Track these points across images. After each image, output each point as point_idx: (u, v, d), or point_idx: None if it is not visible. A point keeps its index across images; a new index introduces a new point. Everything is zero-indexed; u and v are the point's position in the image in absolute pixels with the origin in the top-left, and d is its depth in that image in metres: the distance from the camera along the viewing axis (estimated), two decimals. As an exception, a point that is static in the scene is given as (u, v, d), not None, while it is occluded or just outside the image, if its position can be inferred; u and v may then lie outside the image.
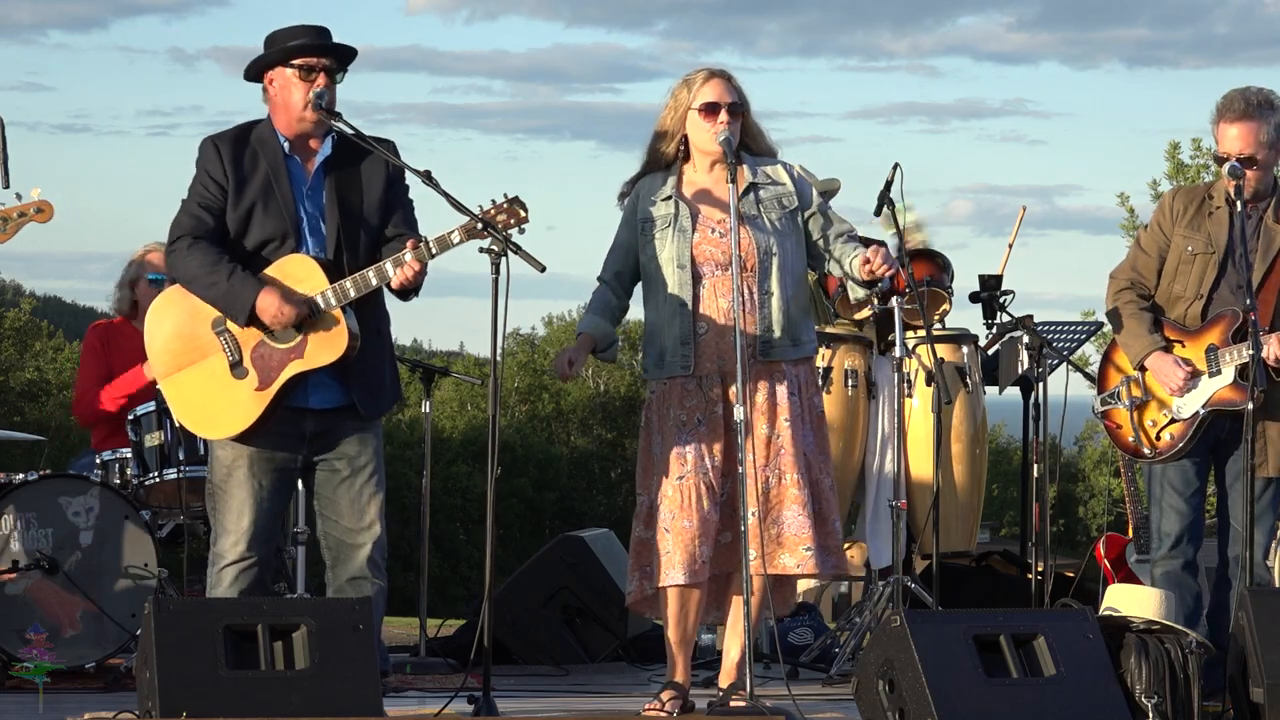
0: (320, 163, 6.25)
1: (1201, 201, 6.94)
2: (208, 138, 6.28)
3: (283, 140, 6.23)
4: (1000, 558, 9.17)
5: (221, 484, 6.20)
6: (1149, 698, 6.03)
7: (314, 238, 6.20)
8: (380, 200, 6.24)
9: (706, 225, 6.36)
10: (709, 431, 6.30)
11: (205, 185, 6.20)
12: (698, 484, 6.26)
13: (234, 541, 6.17)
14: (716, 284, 6.31)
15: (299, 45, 6.22)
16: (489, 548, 6.11)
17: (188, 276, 6.17)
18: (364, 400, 6.23)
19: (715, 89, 6.38)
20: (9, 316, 35.95)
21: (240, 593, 6.13)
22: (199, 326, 6.20)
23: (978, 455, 8.26)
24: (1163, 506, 6.94)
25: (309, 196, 6.23)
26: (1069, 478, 21.71)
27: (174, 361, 6.25)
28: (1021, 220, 9.81)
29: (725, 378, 6.30)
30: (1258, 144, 6.77)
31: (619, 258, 6.48)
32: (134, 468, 7.63)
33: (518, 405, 41.98)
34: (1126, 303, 6.98)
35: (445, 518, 33.78)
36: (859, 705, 5.94)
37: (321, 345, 6.13)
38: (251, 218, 6.18)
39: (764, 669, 7.22)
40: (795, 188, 6.45)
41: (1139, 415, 6.96)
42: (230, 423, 6.16)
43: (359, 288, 6.09)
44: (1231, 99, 6.85)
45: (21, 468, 7.63)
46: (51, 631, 7.22)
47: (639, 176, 6.49)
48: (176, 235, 6.19)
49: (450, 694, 6.23)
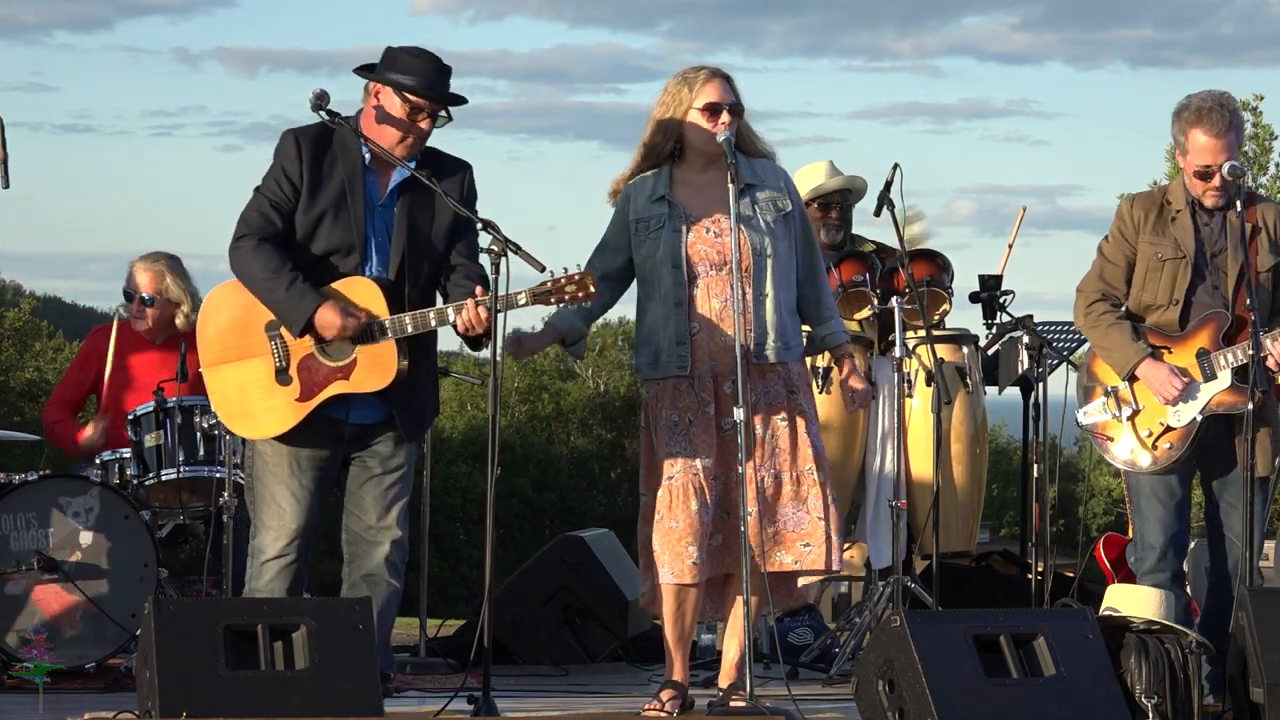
0: (397, 182, 6.21)
1: (1161, 208, 6.88)
2: (289, 130, 6.22)
3: (365, 150, 6.19)
4: (1000, 558, 9.17)
5: (261, 478, 6.22)
6: (1149, 698, 6.03)
7: (379, 255, 6.18)
8: (449, 227, 6.23)
9: (701, 225, 6.36)
10: (700, 432, 6.29)
11: (279, 183, 6.16)
12: (686, 484, 6.25)
13: (274, 537, 6.19)
14: (710, 284, 6.32)
15: (412, 85, 6.13)
16: (489, 548, 6.11)
17: (249, 277, 6.14)
18: (406, 422, 6.24)
19: (717, 89, 6.37)
20: (9, 316, 35.93)
21: (279, 589, 6.15)
22: (253, 324, 6.19)
23: (978, 455, 8.26)
24: (1147, 517, 6.87)
25: (380, 213, 6.20)
26: (1069, 478, 21.70)
27: (222, 354, 6.25)
28: (1021, 220, 9.81)
29: (717, 378, 6.31)
30: (1232, 152, 6.78)
31: (607, 258, 6.46)
32: (134, 468, 7.63)
33: (518, 405, 41.99)
34: (1102, 314, 6.89)
35: (445, 518, 33.77)
36: (859, 705, 5.94)
37: (369, 372, 6.11)
38: (320, 225, 6.15)
39: (764, 669, 7.22)
40: (789, 192, 6.47)
41: (1133, 426, 6.93)
42: (265, 426, 6.18)
43: (416, 326, 6.09)
44: (1208, 111, 6.75)
45: (21, 468, 7.62)
46: (51, 631, 7.22)
47: (630, 175, 6.48)
48: (243, 233, 6.15)
49: (450, 694, 6.22)
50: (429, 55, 6.19)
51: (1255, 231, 6.84)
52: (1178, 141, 6.86)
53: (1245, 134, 31.92)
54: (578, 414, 42.34)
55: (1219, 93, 6.83)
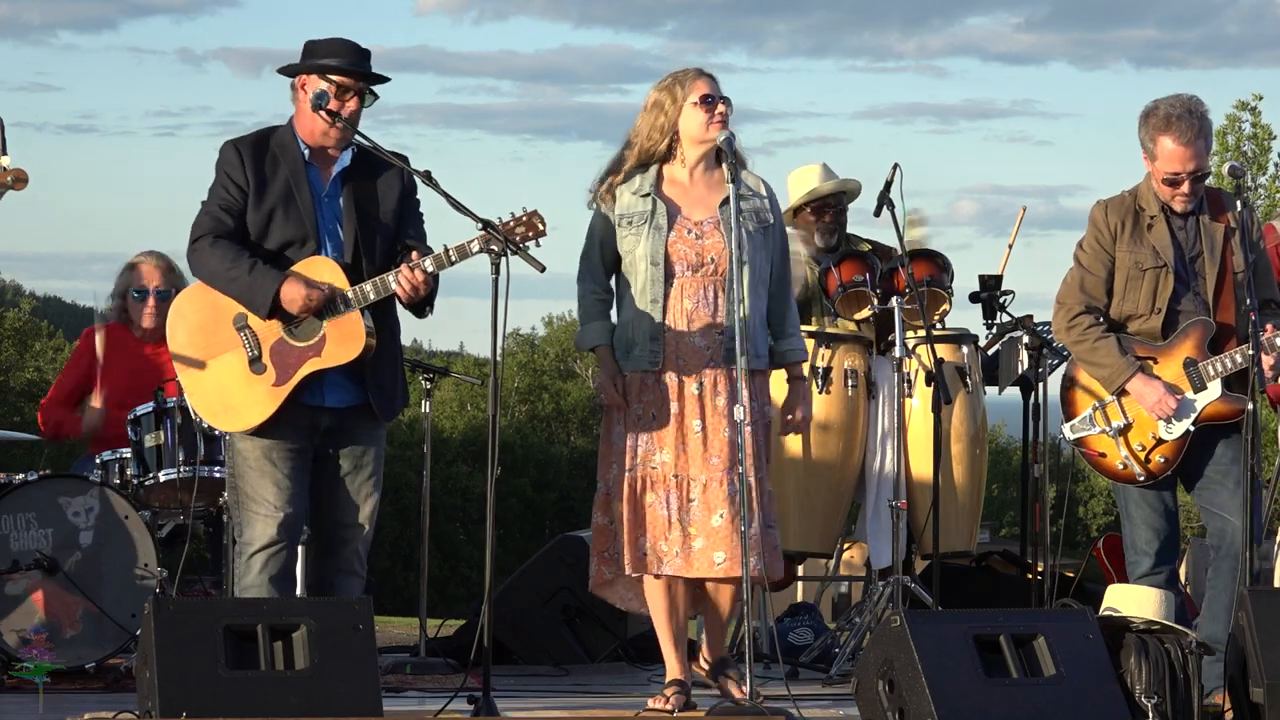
0: (338, 172, 6.37)
1: (1136, 214, 6.84)
2: (228, 141, 6.39)
3: (303, 147, 6.36)
4: (1000, 558, 9.17)
5: (243, 475, 6.31)
6: (1149, 698, 6.02)
7: (332, 242, 6.33)
8: (395, 211, 6.39)
9: (683, 225, 6.52)
10: (659, 427, 6.45)
11: (225, 188, 6.33)
12: (644, 476, 6.45)
13: (262, 528, 6.26)
14: (684, 284, 6.49)
15: (336, 65, 6.31)
16: (489, 548, 6.13)
17: (210, 273, 6.30)
18: (380, 401, 6.37)
19: (709, 84, 6.55)
20: (9, 316, 35.99)
21: (271, 578, 6.23)
22: (221, 321, 6.32)
23: (978, 455, 8.25)
24: (1137, 524, 6.86)
25: (327, 204, 6.36)
26: (1069, 478, 21.70)
27: (195, 354, 6.37)
28: (1021, 220, 9.81)
29: (684, 378, 6.46)
30: (1201, 159, 6.76)
31: (609, 257, 6.59)
32: (134, 468, 7.63)
33: (518, 405, 42.04)
34: (1088, 328, 6.81)
35: (445, 518, 33.84)
36: (859, 705, 5.94)
37: (340, 344, 6.24)
38: (272, 221, 6.31)
39: (764, 669, 7.22)
40: (771, 205, 6.64)
41: (1125, 441, 6.89)
42: (247, 416, 6.29)
43: (378, 291, 6.23)
44: (1177, 118, 6.71)
45: (21, 468, 7.63)
46: (51, 631, 7.22)
47: (621, 179, 6.59)
48: (197, 235, 6.32)
49: (450, 694, 6.23)
50: (347, 40, 6.38)
51: (1230, 233, 6.82)
52: (1145, 147, 6.80)
53: (1245, 134, 32.15)
54: (578, 414, 42.40)
55: (1187, 97, 6.79)
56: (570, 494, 39.33)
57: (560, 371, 44.34)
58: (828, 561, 8.54)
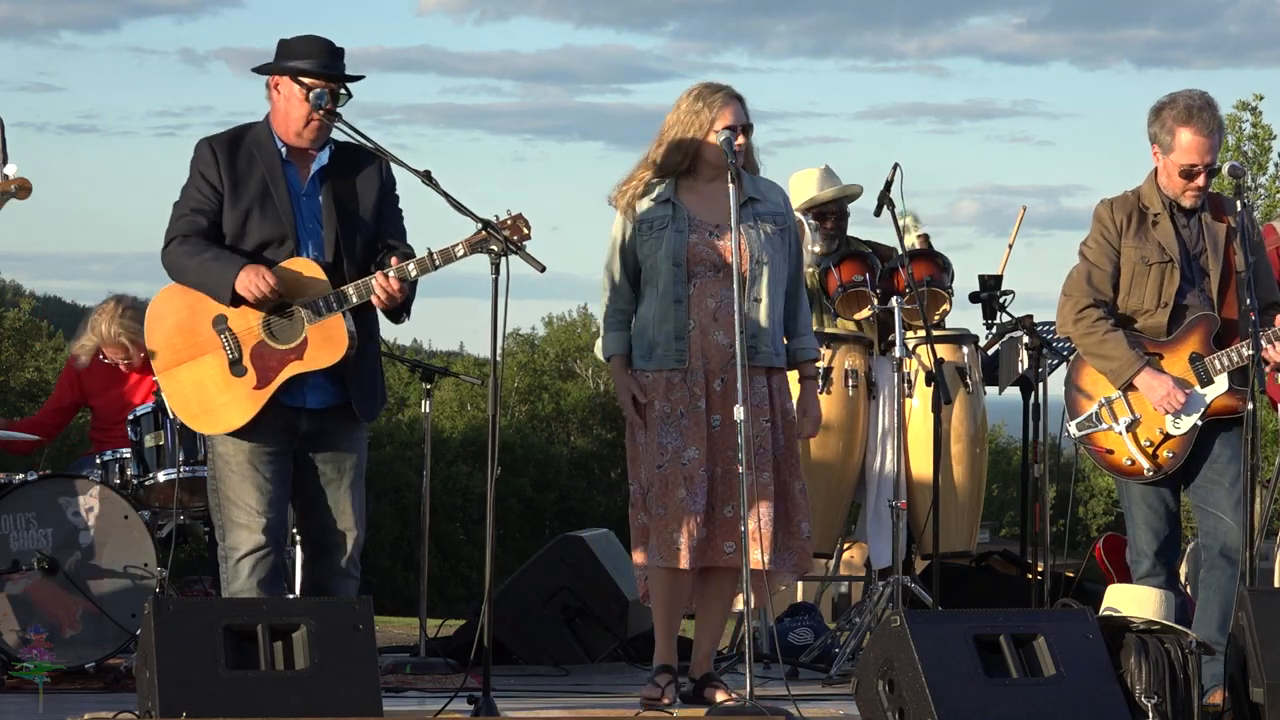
0: (316, 170, 6.31)
1: (1140, 212, 6.84)
2: (203, 139, 6.32)
3: (280, 145, 6.29)
4: (1000, 558, 9.17)
5: (225, 478, 6.24)
6: (1149, 698, 6.02)
7: (312, 241, 6.26)
8: (374, 208, 6.33)
9: (703, 229, 6.62)
10: (690, 425, 6.53)
11: (199, 188, 6.26)
12: (674, 473, 6.49)
13: (248, 533, 6.21)
14: (705, 285, 6.59)
15: (308, 68, 6.23)
16: (489, 548, 6.13)
17: (181, 269, 6.24)
18: (360, 403, 6.31)
19: (736, 112, 6.63)
20: (9, 316, 35.91)
21: (259, 582, 6.18)
22: (200, 322, 6.24)
23: (978, 455, 8.25)
24: (1139, 524, 6.85)
25: (305, 202, 6.29)
26: (1069, 478, 21.69)
27: (174, 356, 6.29)
28: (1021, 220, 9.81)
29: (709, 375, 6.55)
30: (1216, 154, 6.77)
31: (630, 266, 6.68)
32: (134, 468, 7.64)
33: (518, 405, 41.99)
34: (1095, 321, 6.78)
35: (445, 518, 33.78)
36: (859, 705, 5.94)
37: (321, 348, 6.18)
38: (249, 220, 6.23)
39: (764, 669, 7.22)
40: (787, 210, 6.77)
41: (1134, 437, 6.88)
42: (226, 419, 6.21)
43: (360, 294, 6.17)
44: (1199, 110, 6.73)
45: (21, 468, 7.63)
46: (51, 631, 7.23)
47: (640, 189, 6.67)
48: (171, 237, 6.26)
49: (450, 694, 6.23)
50: (320, 39, 6.30)
51: (1232, 234, 6.82)
52: (1159, 139, 6.79)
53: (1245, 134, 32.19)
54: (578, 414, 42.33)
55: (1201, 92, 6.81)
56: (570, 494, 39.25)
57: (560, 371, 44.27)
58: (828, 561, 8.54)
